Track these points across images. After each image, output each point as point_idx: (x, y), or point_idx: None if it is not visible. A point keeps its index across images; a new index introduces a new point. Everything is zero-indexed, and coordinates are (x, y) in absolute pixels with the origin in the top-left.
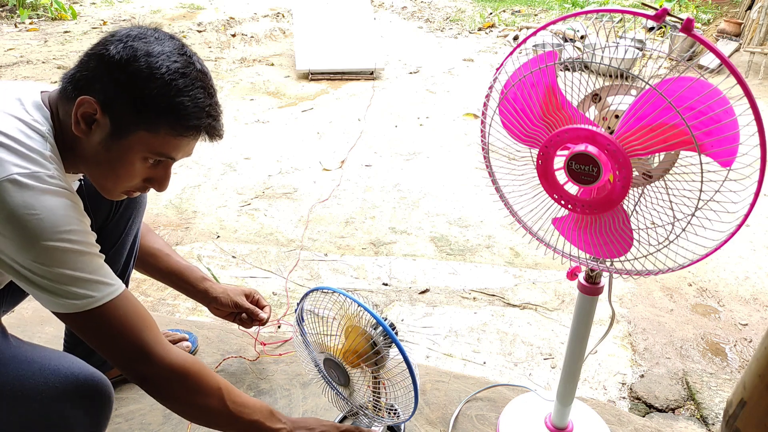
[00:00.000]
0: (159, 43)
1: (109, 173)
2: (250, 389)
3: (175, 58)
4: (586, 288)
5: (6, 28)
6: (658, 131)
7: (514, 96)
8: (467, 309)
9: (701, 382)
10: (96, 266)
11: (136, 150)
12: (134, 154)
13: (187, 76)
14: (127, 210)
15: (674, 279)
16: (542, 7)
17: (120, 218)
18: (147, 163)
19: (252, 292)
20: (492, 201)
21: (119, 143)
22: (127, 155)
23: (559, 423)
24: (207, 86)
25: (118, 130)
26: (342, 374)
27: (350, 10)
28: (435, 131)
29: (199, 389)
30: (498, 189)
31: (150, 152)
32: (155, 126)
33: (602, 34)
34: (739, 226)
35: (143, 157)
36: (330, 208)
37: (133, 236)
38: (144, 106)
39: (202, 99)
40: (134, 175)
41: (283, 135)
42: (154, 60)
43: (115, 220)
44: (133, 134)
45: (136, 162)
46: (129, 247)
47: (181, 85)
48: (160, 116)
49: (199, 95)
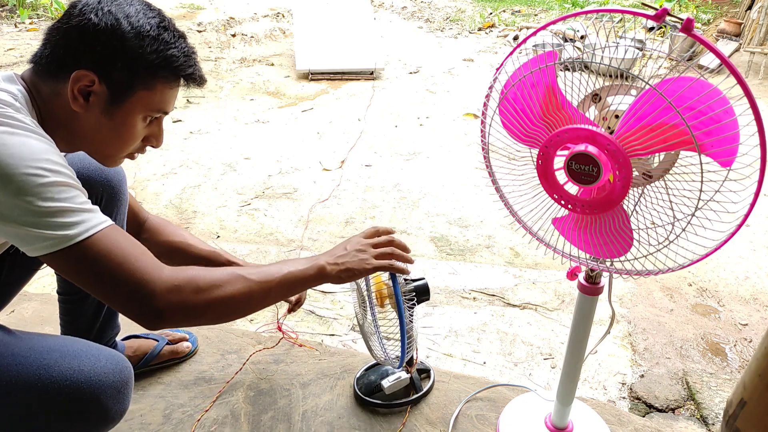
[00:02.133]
0: (128, 3)
1: (114, 140)
2: (250, 389)
3: (150, 15)
4: (586, 288)
5: (6, 28)
6: (658, 131)
7: (514, 96)
8: (467, 309)
9: (701, 382)
10: (81, 197)
11: (137, 111)
12: (135, 115)
13: (168, 29)
14: (108, 205)
15: (674, 279)
16: (542, 7)
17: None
18: (145, 122)
19: None
20: (492, 201)
21: (120, 108)
22: (129, 118)
23: (559, 423)
24: (184, 35)
25: (118, 96)
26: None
27: (350, 10)
28: (435, 131)
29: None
30: (498, 189)
31: (149, 110)
32: (152, 83)
33: (602, 34)
34: (739, 226)
35: (143, 116)
36: (330, 208)
37: None
38: (140, 66)
39: (186, 48)
40: (136, 137)
41: (283, 135)
42: (135, 20)
43: None
44: (132, 96)
45: (138, 123)
46: None
47: (168, 38)
48: (156, 72)
49: (183, 44)
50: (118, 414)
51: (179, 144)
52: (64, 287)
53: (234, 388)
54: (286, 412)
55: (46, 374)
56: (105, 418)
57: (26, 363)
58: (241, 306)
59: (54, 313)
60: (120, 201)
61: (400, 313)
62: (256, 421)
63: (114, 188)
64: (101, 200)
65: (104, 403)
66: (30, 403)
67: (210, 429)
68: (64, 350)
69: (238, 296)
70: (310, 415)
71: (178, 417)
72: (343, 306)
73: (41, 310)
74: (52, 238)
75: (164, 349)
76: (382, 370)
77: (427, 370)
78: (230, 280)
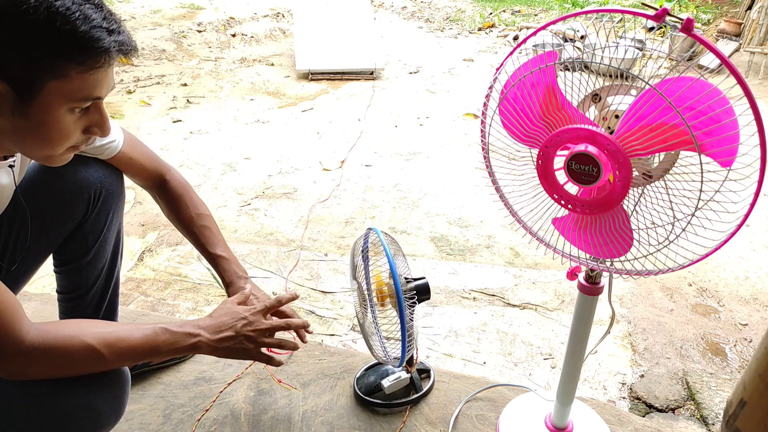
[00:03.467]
0: None
1: (41, 141)
2: (250, 389)
3: None
4: (586, 288)
5: None
6: (658, 131)
7: (514, 96)
8: (467, 309)
9: (701, 382)
10: None
11: (55, 105)
12: (56, 110)
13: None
14: (105, 204)
15: (674, 279)
16: (542, 7)
17: (99, 213)
18: (75, 114)
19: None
20: (492, 201)
21: (33, 105)
22: (49, 114)
23: (559, 423)
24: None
25: (25, 92)
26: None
27: (350, 10)
28: (435, 131)
29: (72, 358)
30: (498, 189)
31: (71, 101)
32: (61, 69)
33: (602, 34)
34: (739, 226)
35: (68, 109)
36: (330, 208)
37: (116, 230)
38: (35, 53)
39: (93, 15)
40: (68, 133)
41: (283, 135)
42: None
43: (94, 216)
44: (42, 89)
45: (64, 117)
46: (113, 242)
47: (62, 9)
48: (59, 56)
49: (89, 11)
50: (112, 419)
51: (179, 144)
52: (64, 286)
53: (234, 388)
54: (286, 412)
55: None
56: (98, 423)
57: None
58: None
59: (54, 313)
60: (117, 197)
61: (401, 312)
62: (256, 421)
63: (111, 186)
64: (99, 198)
65: (99, 407)
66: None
67: (210, 429)
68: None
69: (91, 369)
70: (310, 415)
71: (178, 417)
72: (343, 306)
73: (41, 309)
74: None
75: None
76: (382, 370)
77: (427, 370)
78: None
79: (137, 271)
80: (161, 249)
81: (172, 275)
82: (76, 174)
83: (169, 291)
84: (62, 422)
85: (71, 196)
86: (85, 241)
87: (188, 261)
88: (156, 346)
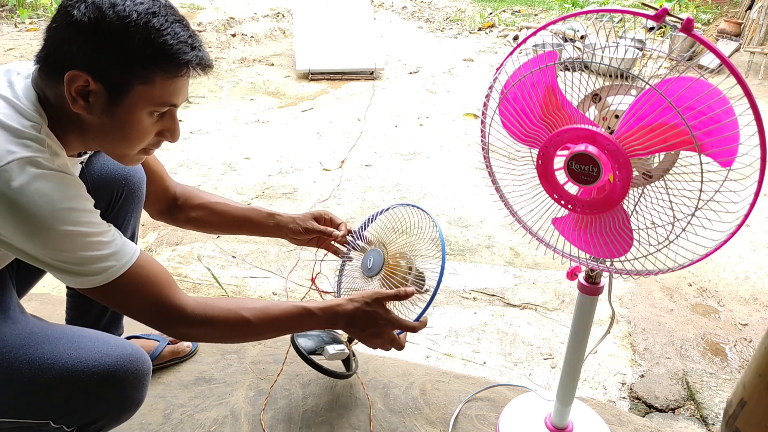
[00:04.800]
0: None
1: (121, 139)
2: (250, 389)
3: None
4: (586, 288)
5: (6, 28)
6: (658, 131)
7: (514, 96)
8: (467, 309)
9: (701, 382)
10: (106, 242)
11: (139, 107)
12: (138, 111)
13: (159, 14)
14: (126, 202)
15: (674, 279)
16: (542, 7)
17: (119, 211)
18: (153, 118)
19: (323, 213)
20: (492, 201)
21: (120, 106)
22: (132, 115)
23: (559, 423)
24: (180, 18)
25: (115, 94)
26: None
27: (350, 10)
28: (435, 131)
29: (229, 328)
30: (498, 189)
31: (153, 105)
32: (148, 76)
33: (602, 34)
34: (739, 226)
35: (149, 112)
36: (330, 208)
37: (132, 229)
38: (130, 60)
39: (181, 33)
40: (145, 133)
41: (283, 135)
42: (121, 9)
43: (114, 214)
44: (130, 92)
45: (144, 119)
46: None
47: (157, 25)
48: (149, 64)
49: (178, 29)
50: (136, 402)
51: (179, 144)
52: None
53: (234, 388)
54: (286, 412)
55: (76, 355)
56: (124, 405)
57: (59, 343)
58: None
59: (54, 313)
60: (138, 199)
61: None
62: (256, 421)
63: (134, 186)
64: (121, 197)
65: (126, 388)
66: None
67: (210, 429)
68: (93, 335)
69: (243, 339)
70: (310, 415)
71: (178, 417)
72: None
73: (41, 309)
74: (81, 281)
75: (165, 349)
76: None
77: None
78: (240, 327)
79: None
80: (161, 249)
81: (172, 275)
82: (103, 168)
83: None
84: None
85: (96, 189)
86: None
87: (188, 261)
88: (300, 324)
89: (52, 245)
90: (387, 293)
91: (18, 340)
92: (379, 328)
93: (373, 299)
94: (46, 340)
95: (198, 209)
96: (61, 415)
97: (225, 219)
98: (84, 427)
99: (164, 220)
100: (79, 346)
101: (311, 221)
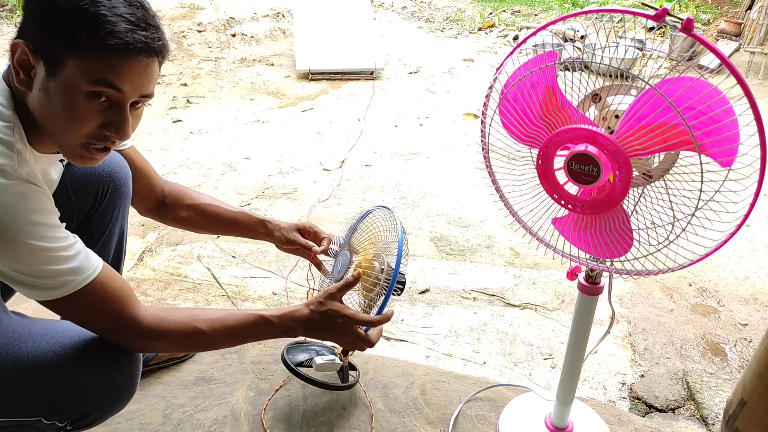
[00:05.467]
0: None
1: (57, 121)
2: (250, 389)
3: None
4: (586, 288)
5: (6, 28)
6: (658, 131)
7: (514, 96)
8: (467, 309)
9: (701, 382)
10: (68, 256)
11: (73, 84)
12: (73, 90)
13: None
14: (112, 199)
15: (674, 279)
16: (542, 7)
17: (105, 208)
18: (94, 102)
19: (307, 226)
20: (492, 201)
21: (55, 82)
22: (68, 93)
23: (559, 423)
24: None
25: (51, 68)
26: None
27: (350, 10)
28: (435, 131)
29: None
30: (498, 189)
31: (87, 81)
32: (81, 49)
33: (602, 34)
34: (739, 226)
35: (86, 92)
36: (330, 208)
37: (120, 226)
38: (60, 28)
39: (123, 9)
40: (84, 118)
41: (283, 135)
42: None
43: (100, 211)
44: (64, 66)
45: (79, 101)
46: (117, 238)
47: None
48: (79, 34)
49: (118, 3)
50: (128, 391)
51: (179, 144)
52: None
53: (234, 388)
54: (286, 412)
55: (61, 350)
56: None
57: (43, 339)
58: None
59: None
60: (124, 195)
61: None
62: (256, 421)
63: (119, 182)
64: (107, 193)
65: (115, 378)
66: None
67: (210, 429)
68: (78, 329)
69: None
70: (310, 415)
71: (178, 417)
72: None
73: (41, 309)
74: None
75: None
76: (312, 348)
77: (355, 369)
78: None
79: (137, 271)
80: (161, 249)
81: (172, 275)
82: (87, 167)
83: (169, 291)
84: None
85: (81, 186)
86: (91, 236)
87: (188, 261)
88: (257, 333)
89: (12, 257)
90: (337, 286)
91: (1, 339)
92: (338, 327)
93: (326, 297)
94: (30, 338)
95: (187, 209)
96: (52, 410)
97: (213, 221)
98: (77, 421)
99: (153, 218)
100: (64, 341)
101: (294, 233)
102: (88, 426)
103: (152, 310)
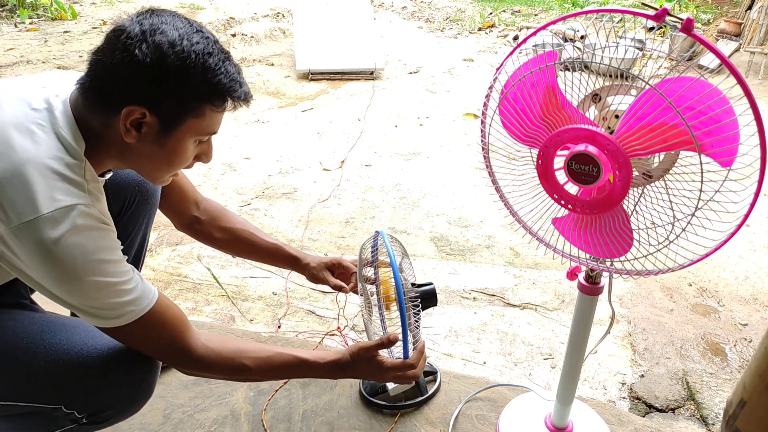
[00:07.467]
0: (172, 27)
1: (165, 165)
2: (250, 389)
3: (195, 39)
4: (586, 288)
5: (6, 28)
6: (658, 131)
7: (514, 96)
8: (467, 309)
9: (701, 382)
10: (129, 288)
11: (187, 138)
12: (186, 141)
13: (213, 54)
14: (138, 208)
15: (674, 279)
16: (542, 7)
17: (131, 216)
18: (195, 144)
19: (335, 261)
20: (492, 201)
21: (171, 136)
22: (180, 144)
23: (559, 423)
24: (229, 55)
25: (168, 125)
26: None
27: (350, 10)
28: (435, 131)
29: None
30: (498, 189)
31: (199, 134)
32: (201, 110)
33: (602, 34)
34: (739, 226)
35: (194, 140)
36: (330, 208)
37: (142, 236)
38: (187, 97)
39: (233, 71)
40: (187, 159)
41: (283, 135)
42: (180, 49)
43: (125, 219)
44: (182, 124)
45: (189, 147)
46: (137, 247)
47: (212, 65)
48: (203, 100)
49: (229, 68)
50: (146, 390)
51: None
52: None
53: (234, 388)
54: (286, 412)
55: (91, 342)
56: (135, 393)
57: (75, 331)
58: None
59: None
60: (151, 206)
61: (402, 316)
62: (256, 421)
63: (147, 193)
64: (134, 202)
65: (137, 375)
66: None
67: (210, 429)
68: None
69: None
70: (310, 415)
71: (178, 417)
72: (344, 305)
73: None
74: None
75: None
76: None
77: (434, 372)
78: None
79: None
80: (161, 249)
81: (172, 275)
82: (118, 173)
83: (169, 291)
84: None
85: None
86: None
87: (188, 261)
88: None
89: (79, 293)
90: (369, 344)
91: (35, 327)
92: (377, 375)
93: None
94: (63, 328)
95: (222, 231)
96: (73, 399)
97: (247, 248)
98: (93, 415)
99: (188, 234)
100: (95, 334)
101: (325, 272)
102: (103, 423)
103: (204, 339)
